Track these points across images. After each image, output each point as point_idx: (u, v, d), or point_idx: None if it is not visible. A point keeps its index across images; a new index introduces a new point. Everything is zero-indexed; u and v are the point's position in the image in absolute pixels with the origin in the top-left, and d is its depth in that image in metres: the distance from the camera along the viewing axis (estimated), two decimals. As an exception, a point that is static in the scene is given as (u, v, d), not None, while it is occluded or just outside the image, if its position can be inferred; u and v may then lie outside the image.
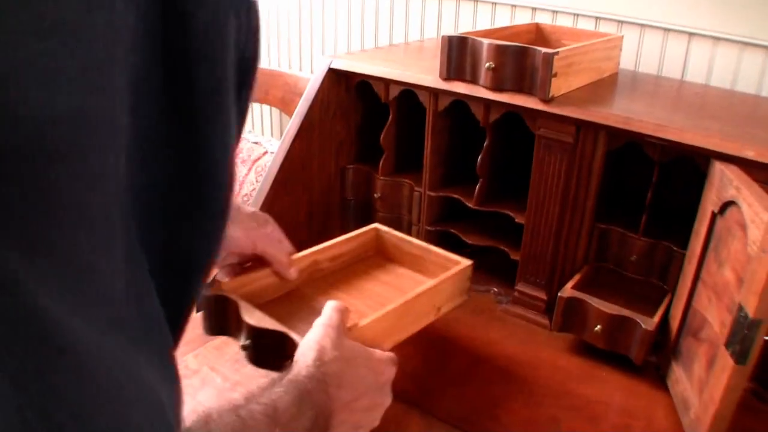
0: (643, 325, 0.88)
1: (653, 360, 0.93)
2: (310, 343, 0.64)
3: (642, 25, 1.29)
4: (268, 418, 0.53)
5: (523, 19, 1.43)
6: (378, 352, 0.70)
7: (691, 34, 1.25)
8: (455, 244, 1.14)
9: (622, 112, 0.92)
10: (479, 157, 1.05)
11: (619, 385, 0.91)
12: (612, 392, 0.90)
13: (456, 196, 1.10)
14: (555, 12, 1.38)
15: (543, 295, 1.03)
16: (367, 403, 0.66)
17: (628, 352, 0.91)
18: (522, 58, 0.95)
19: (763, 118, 1.01)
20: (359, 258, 1.01)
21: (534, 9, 1.40)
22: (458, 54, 1.01)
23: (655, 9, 1.27)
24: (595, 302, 0.92)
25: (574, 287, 0.96)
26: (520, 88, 0.97)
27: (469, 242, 1.10)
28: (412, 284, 0.92)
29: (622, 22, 1.32)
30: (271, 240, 0.84)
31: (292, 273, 0.87)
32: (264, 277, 0.86)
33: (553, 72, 0.93)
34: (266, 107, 2.01)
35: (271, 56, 1.96)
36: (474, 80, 1.01)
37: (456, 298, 0.93)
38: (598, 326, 0.92)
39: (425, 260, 0.98)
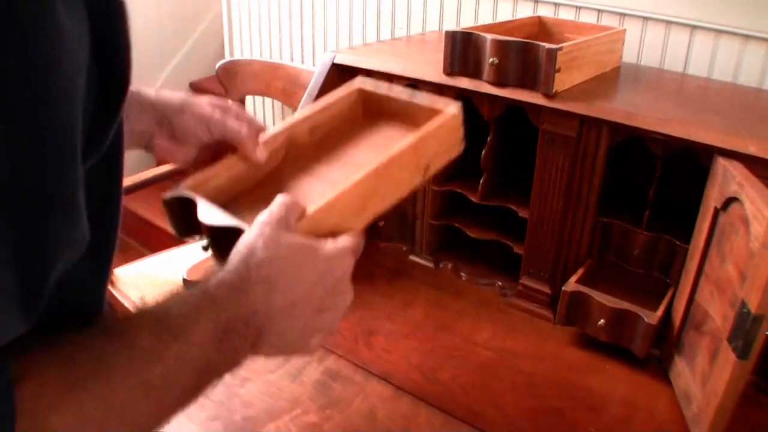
0: (646, 319, 0.89)
1: (656, 353, 0.94)
2: (240, 246, 0.57)
3: (644, 18, 1.30)
4: (150, 332, 0.48)
5: (525, 11, 1.43)
6: (329, 245, 0.61)
7: (693, 27, 1.25)
8: (459, 238, 1.15)
9: (625, 107, 0.93)
10: (483, 152, 1.06)
11: (622, 377, 0.92)
12: (615, 384, 0.91)
13: (460, 190, 1.11)
14: (557, 5, 1.38)
15: (547, 289, 1.04)
16: (316, 305, 0.58)
17: (631, 345, 0.92)
18: (525, 54, 0.96)
19: (765, 112, 1.02)
20: (344, 123, 0.87)
21: (536, 1, 1.41)
22: (461, 49, 1.01)
23: (657, 1, 1.27)
24: (599, 296, 0.93)
25: (577, 281, 0.97)
26: (523, 84, 0.97)
27: (473, 236, 1.11)
28: (398, 141, 0.78)
29: (624, 14, 1.32)
30: (229, 122, 0.74)
31: (260, 154, 0.74)
32: (233, 165, 0.75)
33: (557, 67, 0.94)
34: (268, 99, 2.01)
35: (273, 48, 1.96)
36: (477, 75, 1.01)
37: (447, 152, 0.81)
38: (602, 320, 0.93)
39: (411, 112, 0.84)
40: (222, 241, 0.64)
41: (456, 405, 0.85)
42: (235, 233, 0.61)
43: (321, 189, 0.75)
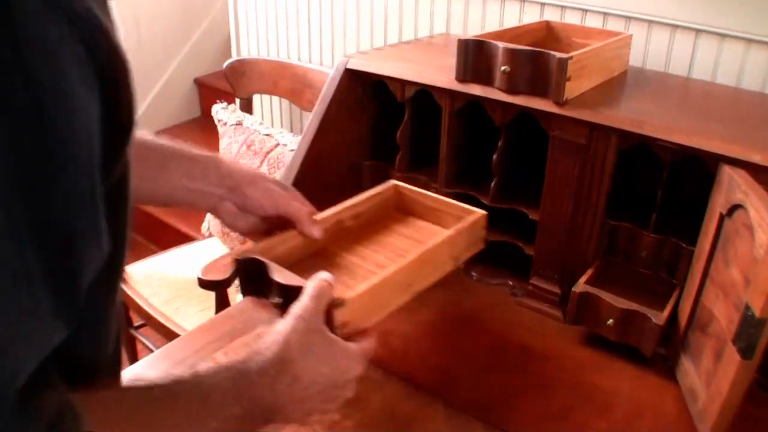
0: (653, 320, 0.93)
1: (662, 351, 0.98)
2: (278, 336, 0.66)
3: (650, 22, 1.32)
4: (201, 400, 0.58)
5: (531, 13, 1.45)
6: (350, 349, 0.71)
7: (697, 31, 1.28)
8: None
9: (634, 114, 0.96)
10: (494, 156, 1.09)
11: (630, 375, 0.96)
12: (623, 382, 0.95)
13: (471, 192, 1.14)
14: (563, 8, 1.41)
15: (556, 289, 1.08)
16: (325, 397, 0.69)
17: (639, 345, 0.96)
18: (536, 62, 0.99)
19: (768, 118, 1.05)
20: (380, 214, 1.05)
21: (543, 4, 1.43)
22: (474, 57, 1.04)
23: (662, 5, 1.30)
24: (608, 297, 0.97)
25: (587, 282, 1.00)
26: (534, 91, 1.00)
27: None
28: (431, 236, 0.97)
29: (629, 18, 1.35)
30: (293, 201, 0.87)
31: (317, 232, 0.89)
32: (291, 238, 0.89)
33: (567, 76, 0.97)
34: (275, 98, 2.04)
35: (280, 45, 1.99)
36: (489, 82, 1.04)
37: (472, 247, 0.98)
38: (611, 320, 0.96)
39: (442, 212, 1.03)
40: (289, 298, 0.75)
41: (472, 403, 0.89)
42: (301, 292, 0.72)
43: (364, 268, 0.93)
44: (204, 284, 1.46)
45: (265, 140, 1.77)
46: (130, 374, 0.58)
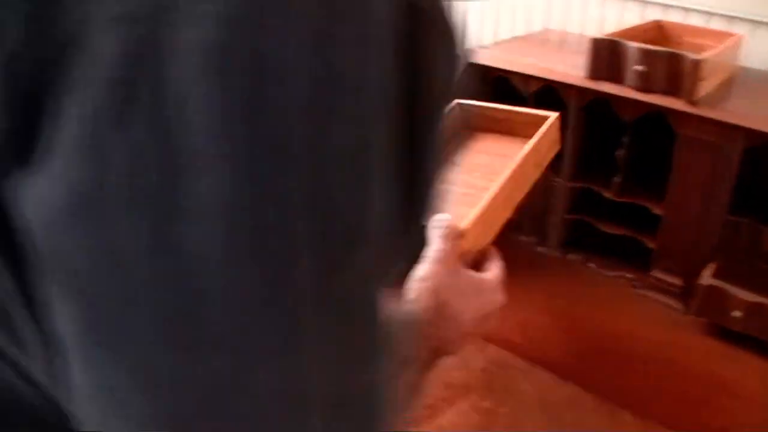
0: (783, 313, 0.97)
1: (787, 343, 1.02)
2: (425, 283, 0.70)
3: (754, 22, 1.35)
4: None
5: (632, 11, 1.48)
6: (488, 280, 0.73)
7: (802, 31, 1.30)
8: (584, 232, 1.22)
9: (761, 113, 1.00)
10: (621, 152, 1.13)
11: (757, 365, 1.00)
12: (750, 372, 0.99)
13: (593, 187, 1.18)
14: (666, 6, 1.44)
15: (678, 281, 1.12)
16: (473, 328, 0.75)
17: (766, 337, 1.00)
18: (670, 62, 1.03)
19: None
20: (450, 135, 1.07)
21: (645, 2, 1.46)
22: (604, 55, 1.08)
23: (766, 5, 1.32)
24: (734, 290, 1.01)
25: (712, 275, 1.04)
26: (666, 90, 1.04)
27: (606, 231, 1.18)
28: (507, 148, 0.98)
29: (732, 17, 1.37)
30: None
31: None
32: None
33: (701, 76, 1.00)
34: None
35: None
36: (620, 81, 1.08)
37: (552, 150, 0.97)
38: (737, 312, 1.01)
39: (511, 122, 1.02)
40: None
41: (613, 391, 0.94)
42: None
43: (456, 192, 0.87)
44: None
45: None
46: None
